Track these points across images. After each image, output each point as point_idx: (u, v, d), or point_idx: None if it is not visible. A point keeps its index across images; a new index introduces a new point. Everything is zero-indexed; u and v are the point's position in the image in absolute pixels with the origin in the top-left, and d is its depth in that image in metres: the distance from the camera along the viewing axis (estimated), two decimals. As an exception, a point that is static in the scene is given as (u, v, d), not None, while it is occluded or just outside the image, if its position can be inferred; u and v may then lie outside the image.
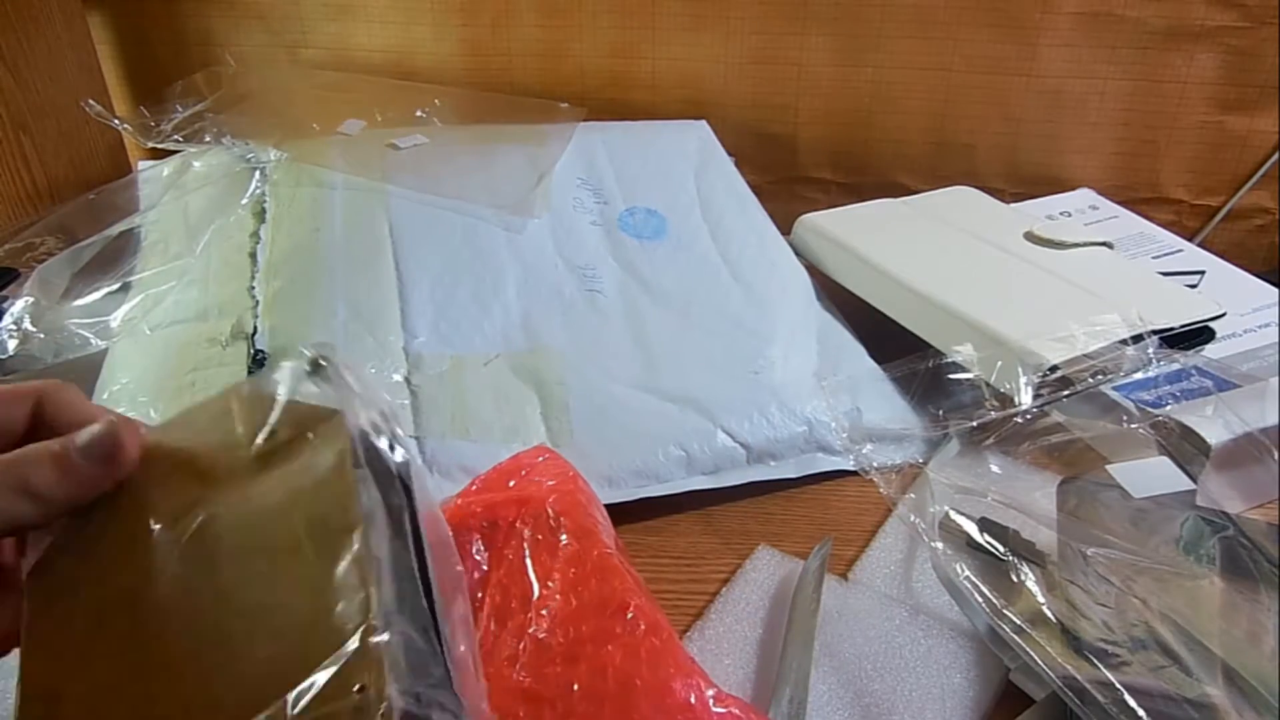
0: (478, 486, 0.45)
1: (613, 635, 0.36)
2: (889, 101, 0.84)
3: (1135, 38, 0.77)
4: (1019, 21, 0.78)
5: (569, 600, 0.38)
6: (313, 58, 0.90)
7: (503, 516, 0.42)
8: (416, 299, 0.60)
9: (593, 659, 0.36)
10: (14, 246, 0.65)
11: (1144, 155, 0.82)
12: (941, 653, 0.43)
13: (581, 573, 0.39)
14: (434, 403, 0.55)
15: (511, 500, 0.43)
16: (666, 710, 0.34)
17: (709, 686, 0.35)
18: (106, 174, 0.83)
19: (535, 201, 0.68)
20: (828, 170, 0.88)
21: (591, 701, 0.35)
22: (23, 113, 0.74)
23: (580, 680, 0.35)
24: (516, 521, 0.41)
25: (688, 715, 0.34)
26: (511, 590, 0.39)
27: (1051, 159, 0.84)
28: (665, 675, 0.35)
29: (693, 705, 0.34)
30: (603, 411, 0.56)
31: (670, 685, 0.35)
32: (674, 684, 0.35)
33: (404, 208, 0.65)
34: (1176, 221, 0.83)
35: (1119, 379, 0.56)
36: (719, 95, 0.86)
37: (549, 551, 0.40)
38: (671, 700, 0.34)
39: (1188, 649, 0.39)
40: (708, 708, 0.34)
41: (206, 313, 0.58)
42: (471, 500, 0.43)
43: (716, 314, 0.63)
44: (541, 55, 0.87)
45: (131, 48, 0.92)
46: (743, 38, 0.83)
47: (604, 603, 0.37)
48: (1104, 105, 0.80)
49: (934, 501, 0.50)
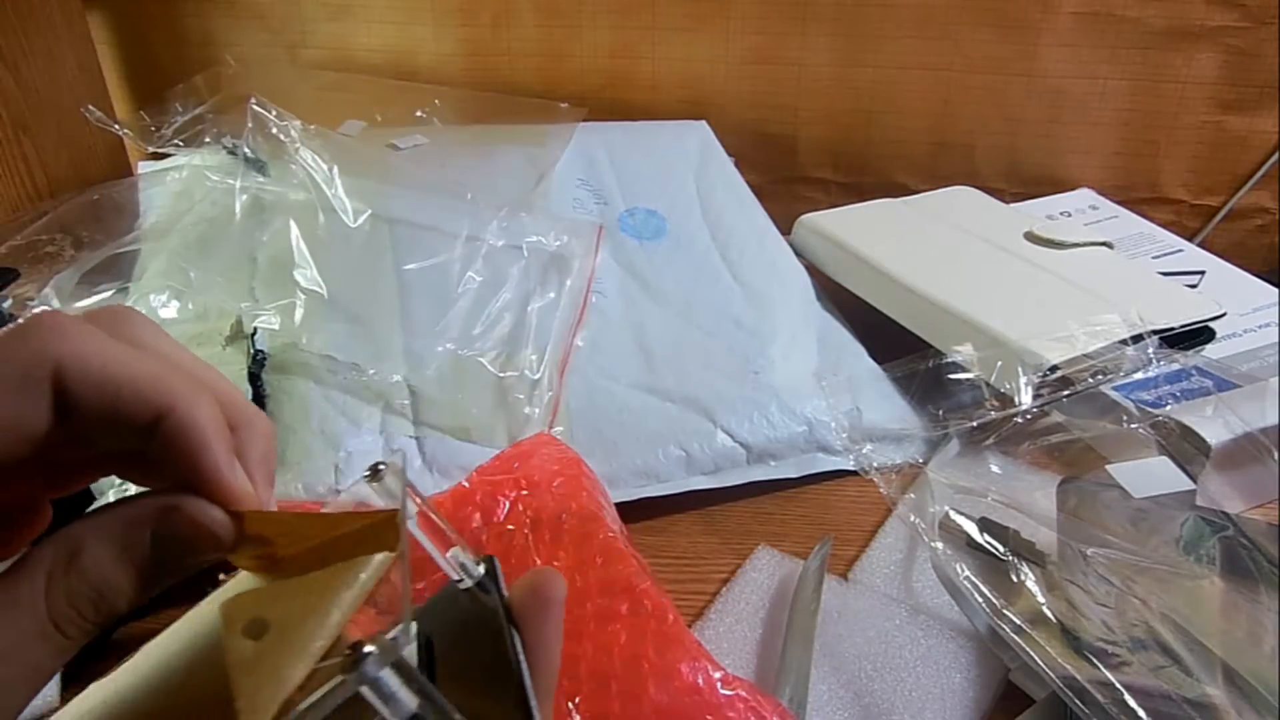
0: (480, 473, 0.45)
1: (618, 615, 0.36)
2: (889, 101, 0.84)
3: (1135, 38, 0.77)
4: (1019, 21, 0.78)
5: (574, 579, 0.37)
6: (313, 58, 0.90)
7: (504, 495, 0.41)
8: (417, 299, 0.60)
9: (597, 637, 0.35)
10: (15, 246, 0.65)
11: (1144, 155, 0.82)
12: (941, 653, 0.43)
13: (586, 554, 0.38)
14: (434, 403, 0.55)
15: (513, 481, 0.42)
16: (674, 692, 0.34)
17: (716, 669, 0.35)
18: (106, 174, 0.83)
19: (535, 202, 0.68)
20: (828, 170, 0.88)
21: (597, 680, 0.34)
22: (23, 113, 0.74)
23: (586, 658, 0.35)
24: (519, 503, 0.41)
25: (695, 698, 0.34)
26: (514, 566, 0.38)
27: (1051, 159, 0.84)
28: (673, 657, 0.35)
29: (700, 687, 0.34)
30: (603, 411, 0.56)
31: (678, 667, 0.34)
32: (681, 666, 0.34)
33: (404, 208, 0.65)
34: (1176, 221, 0.83)
35: (1119, 379, 0.56)
36: (719, 95, 0.86)
37: (552, 532, 0.39)
38: (679, 682, 0.34)
39: (1188, 649, 0.39)
40: (715, 690, 0.34)
41: (207, 313, 0.58)
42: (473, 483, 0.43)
43: (716, 314, 0.63)
44: (541, 55, 0.87)
45: (131, 48, 0.92)
46: (743, 38, 0.83)
47: (609, 584, 0.37)
48: (1104, 105, 0.80)
49: (934, 501, 0.50)
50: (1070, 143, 0.83)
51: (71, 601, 0.19)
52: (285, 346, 0.56)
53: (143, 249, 0.63)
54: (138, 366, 0.20)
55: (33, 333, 0.19)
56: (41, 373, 0.19)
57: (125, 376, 0.20)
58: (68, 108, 0.78)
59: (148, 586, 0.20)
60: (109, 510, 0.20)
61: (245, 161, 0.64)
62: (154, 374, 0.20)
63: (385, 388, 0.55)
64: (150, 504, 0.21)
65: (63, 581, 0.19)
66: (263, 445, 0.23)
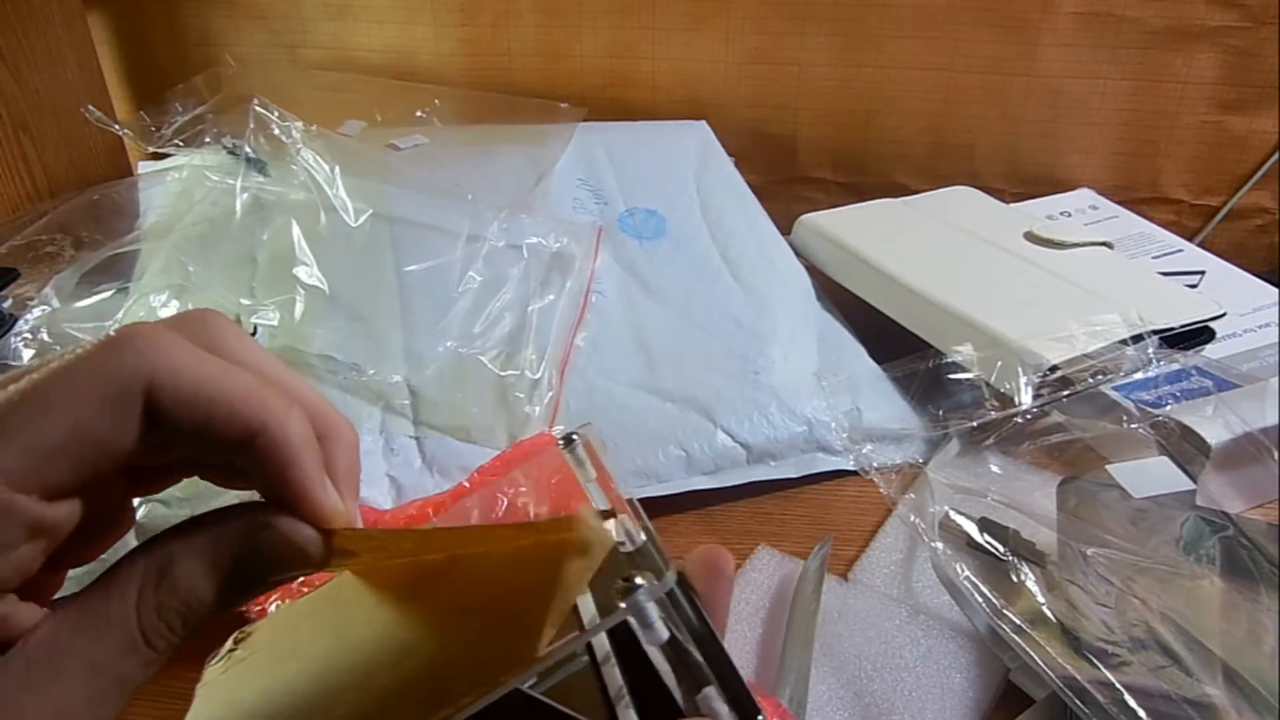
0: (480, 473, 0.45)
1: None
2: (889, 101, 0.84)
3: (1135, 38, 0.77)
4: (1019, 21, 0.78)
5: None
6: (313, 58, 0.90)
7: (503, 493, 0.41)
8: (417, 299, 0.60)
9: None
10: (15, 246, 0.65)
11: (1144, 155, 0.82)
12: (941, 653, 0.43)
13: None
14: (434, 402, 0.55)
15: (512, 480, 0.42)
16: None
17: None
18: (106, 174, 0.83)
19: (535, 201, 0.68)
20: (828, 170, 0.88)
21: None
22: (23, 113, 0.74)
23: None
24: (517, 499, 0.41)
25: None
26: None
27: (1051, 159, 0.84)
28: None
29: None
30: (603, 411, 0.56)
31: None
32: None
33: (404, 208, 0.65)
34: (1176, 221, 0.83)
35: (1119, 379, 0.56)
36: (719, 95, 0.86)
37: None
38: None
39: (1188, 649, 0.39)
40: None
41: (207, 313, 0.58)
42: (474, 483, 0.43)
43: (716, 314, 0.63)
44: (541, 55, 0.87)
45: (131, 48, 0.92)
46: (743, 38, 0.83)
47: None
48: (1104, 105, 0.80)
49: (934, 501, 0.50)
50: (1070, 143, 0.83)
51: (162, 616, 0.19)
52: (285, 347, 0.56)
53: (143, 249, 0.63)
54: (230, 382, 0.20)
55: (127, 346, 0.19)
56: (135, 389, 0.19)
57: (218, 393, 0.19)
58: (68, 108, 0.78)
59: (235, 600, 0.20)
60: (200, 524, 0.20)
61: (246, 162, 0.64)
62: (245, 390, 0.20)
63: (385, 388, 0.55)
64: (241, 520, 0.21)
65: (153, 596, 0.19)
66: (349, 457, 0.23)
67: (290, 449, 0.20)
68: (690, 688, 0.22)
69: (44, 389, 0.19)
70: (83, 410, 0.19)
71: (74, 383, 0.19)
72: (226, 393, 0.20)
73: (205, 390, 0.19)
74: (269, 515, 0.21)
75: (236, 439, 0.20)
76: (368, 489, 0.51)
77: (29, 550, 0.19)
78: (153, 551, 0.20)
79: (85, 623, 0.19)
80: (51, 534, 0.19)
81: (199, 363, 0.20)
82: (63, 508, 0.19)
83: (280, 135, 0.63)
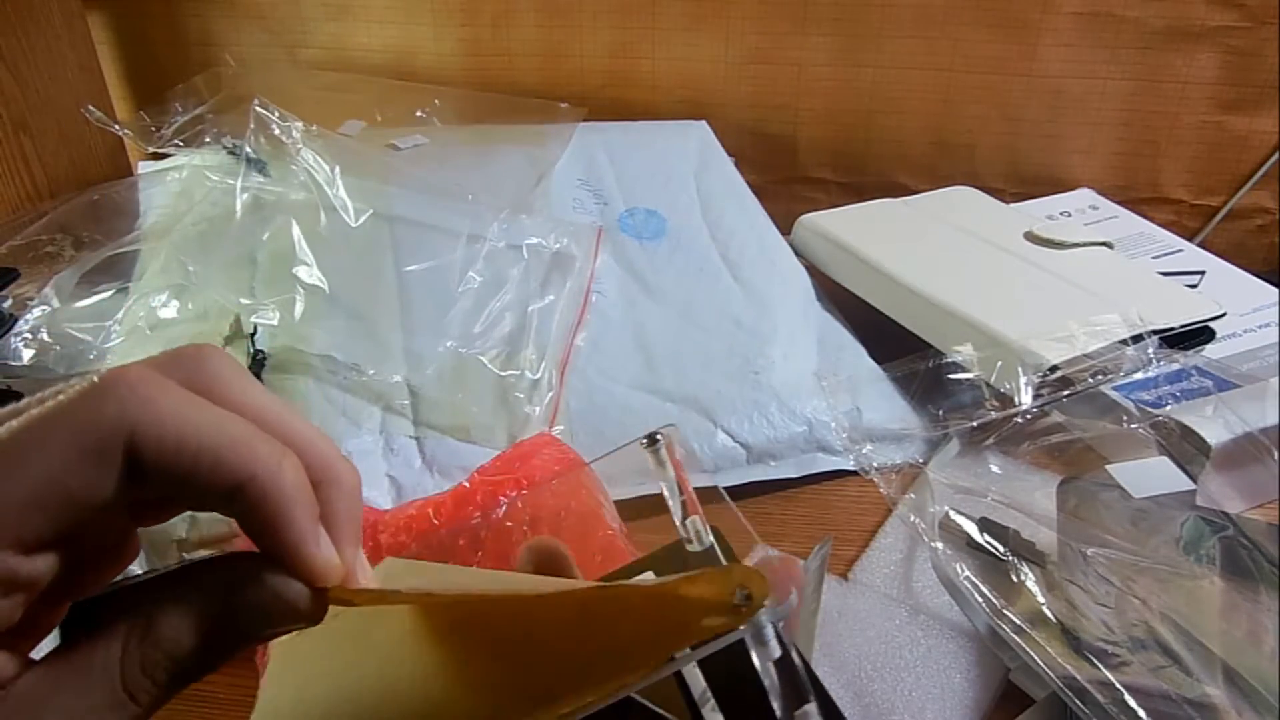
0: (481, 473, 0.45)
1: None
2: (889, 101, 0.84)
3: (1135, 38, 0.77)
4: (1019, 21, 0.78)
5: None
6: (313, 58, 0.90)
7: (504, 494, 0.42)
8: (417, 299, 0.60)
9: None
10: (15, 246, 0.65)
11: (1144, 155, 0.82)
12: (941, 653, 0.43)
13: (585, 552, 0.38)
14: (434, 402, 0.55)
15: (513, 481, 0.42)
16: None
17: None
18: (106, 174, 0.83)
19: (535, 201, 0.68)
20: (828, 170, 0.88)
21: None
22: (23, 113, 0.74)
23: None
24: (518, 500, 0.41)
25: None
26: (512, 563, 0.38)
27: (1051, 159, 0.84)
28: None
29: None
30: (603, 411, 0.56)
31: None
32: None
33: (404, 208, 0.65)
34: (1176, 221, 0.83)
35: (1119, 379, 0.56)
36: (719, 95, 0.86)
37: (551, 529, 0.39)
38: None
39: (1188, 649, 0.39)
40: None
41: (206, 313, 0.58)
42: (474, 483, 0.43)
43: (716, 314, 0.63)
44: (541, 55, 0.87)
45: (131, 48, 0.92)
46: (743, 38, 0.83)
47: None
48: (1104, 105, 0.80)
49: (934, 501, 0.50)
50: (1070, 143, 0.83)
51: (146, 671, 0.19)
52: (285, 347, 0.56)
53: (143, 249, 0.63)
54: (217, 431, 0.19)
55: (109, 394, 0.18)
56: (114, 441, 0.18)
57: (205, 443, 0.19)
58: (68, 108, 0.78)
59: (224, 655, 0.20)
60: (188, 576, 0.20)
61: (246, 162, 0.64)
62: (233, 439, 0.19)
63: (385, 388, 0.55)
64: (230, 573, 0.20)
65: (138, 651, 0.19)
66: (348, 503, 0.21)
67: (280, 501, 0.19)
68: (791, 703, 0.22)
69: (20, 439, 0.18)
70: (58, 463, 0.18)
71: (51, 434, 0.18)
72: (214, 442, 0.19)
73: (190, 440, 0.19)
74: (259, 568, 0.20)
75: (223, 490, 0.19)
76: (368, 489, 0.51)
77: (6, 604, 0.18)
78: (138, 604, 0.19)
79: (67, 676, 0.19)
80: (29, 587, 0.18)
81: (185, 410, 0.19)
82: (41, 560, 0.18)
83: (280, 135, 0.63)
